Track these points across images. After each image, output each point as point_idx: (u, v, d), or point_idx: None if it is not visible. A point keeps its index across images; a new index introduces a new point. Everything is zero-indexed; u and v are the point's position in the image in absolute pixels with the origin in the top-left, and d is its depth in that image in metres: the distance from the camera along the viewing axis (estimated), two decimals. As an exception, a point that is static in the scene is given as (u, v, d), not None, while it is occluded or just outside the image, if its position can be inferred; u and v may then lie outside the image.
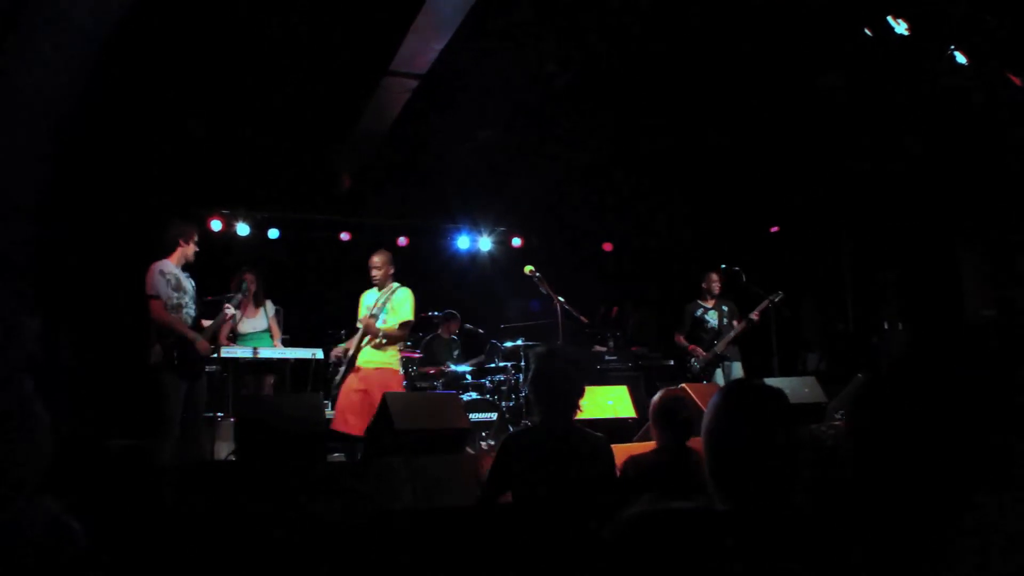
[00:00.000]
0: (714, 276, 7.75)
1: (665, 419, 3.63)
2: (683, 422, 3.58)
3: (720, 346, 7.51)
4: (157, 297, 5.45)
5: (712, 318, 7.66)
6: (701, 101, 7.67)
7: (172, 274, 5.57)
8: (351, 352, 6.03)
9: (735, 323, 7.53)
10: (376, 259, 6.13)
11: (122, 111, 6.81)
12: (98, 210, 7.56)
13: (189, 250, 5.70)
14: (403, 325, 6.05)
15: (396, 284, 6.18)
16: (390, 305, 6.06)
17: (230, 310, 5.98)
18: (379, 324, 5.96)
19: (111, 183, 7.59)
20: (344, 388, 5.91)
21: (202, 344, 5.51)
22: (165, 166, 7.70)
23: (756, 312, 7.43)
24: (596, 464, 3.16)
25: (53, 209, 6.37)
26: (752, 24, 6.30)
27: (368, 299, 6.22)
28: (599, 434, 3.27)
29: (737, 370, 7.52)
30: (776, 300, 7.37)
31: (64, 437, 1.87)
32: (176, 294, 5.56)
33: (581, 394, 3.23)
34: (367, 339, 5.98)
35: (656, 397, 3.71)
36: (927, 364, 1.70)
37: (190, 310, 5.64)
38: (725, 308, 7.67)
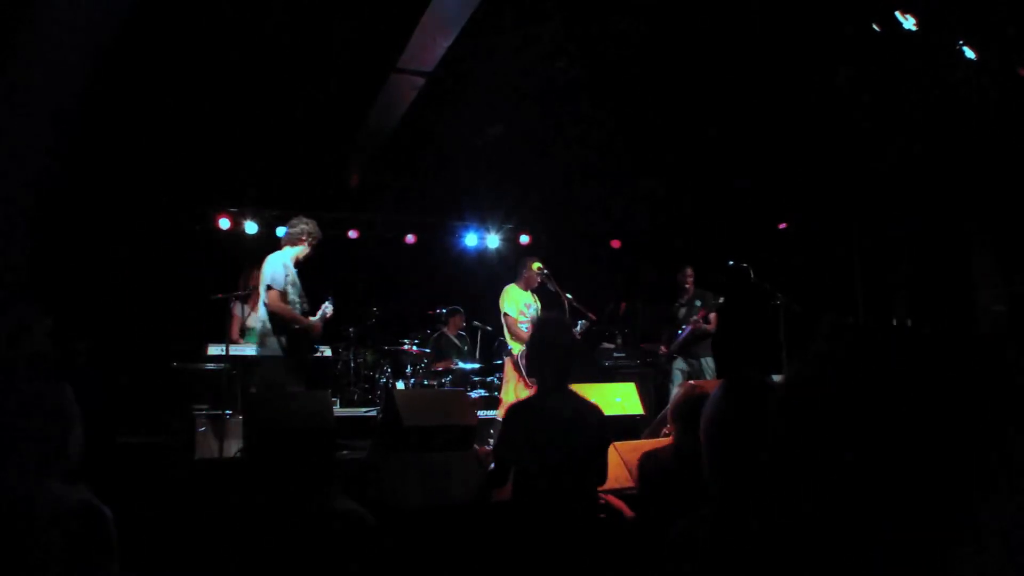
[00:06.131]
0: (688, 271, 7.66)
1: (688, 418, 3.51)
2: None
3: (676, 344, 7.42)
4: (273, 288, 5.43)
5: (682, 314, 7.57)
6: (710, 97, 7.65)
7: (291, 268, 5.56)
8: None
9: (699, 317, 7.36)
10: None
11: (130, 109, 6.84)
12: (107, 208, 7.60)
13: (305, 251, 5.71)
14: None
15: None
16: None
17: (329, 309, 5.80)
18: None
19: (120, 182, 7.62)
20: None
21: (317, 326, 5.63)
22: (173, 164, 7.72)
23: (703, 313, 7.33)
24: (591, 428, 3.20)
25: (62, 208, 6.40)
26: (761, 18, 6.28)
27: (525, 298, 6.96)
28: (590, 400, 3.29)
29: (695, 368, 7.32)
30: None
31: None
32: (292, 289, 5.54)
33: (573, 358, 3.25)
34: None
35: (678, 394, 3.59)
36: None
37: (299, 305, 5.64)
38: (698, 303, 7.50)
